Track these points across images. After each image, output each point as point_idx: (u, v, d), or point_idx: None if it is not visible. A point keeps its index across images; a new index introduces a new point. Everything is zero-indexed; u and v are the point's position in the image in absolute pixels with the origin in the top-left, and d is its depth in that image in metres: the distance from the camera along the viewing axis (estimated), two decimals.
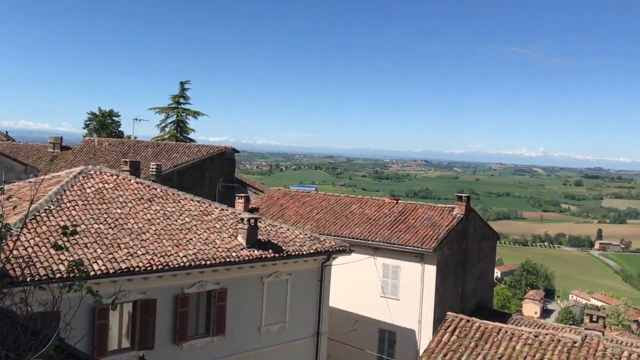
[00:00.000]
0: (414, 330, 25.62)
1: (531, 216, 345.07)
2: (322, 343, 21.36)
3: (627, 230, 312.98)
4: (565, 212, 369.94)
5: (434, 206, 29.47)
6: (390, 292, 26.28)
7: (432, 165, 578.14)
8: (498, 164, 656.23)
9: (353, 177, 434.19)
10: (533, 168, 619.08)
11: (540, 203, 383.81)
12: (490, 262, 32.35)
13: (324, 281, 21.15)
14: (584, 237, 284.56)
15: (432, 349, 18.03)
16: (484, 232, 30.53)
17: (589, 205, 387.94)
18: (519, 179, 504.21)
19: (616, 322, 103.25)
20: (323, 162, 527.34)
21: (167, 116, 59.10)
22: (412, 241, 25.69)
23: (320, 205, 30.65)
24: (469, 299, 28.70)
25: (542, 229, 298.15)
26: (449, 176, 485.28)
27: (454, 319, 19.22)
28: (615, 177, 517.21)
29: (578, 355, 16.71)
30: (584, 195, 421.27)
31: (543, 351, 17.09)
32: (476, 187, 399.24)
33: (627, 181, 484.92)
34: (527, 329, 18.50)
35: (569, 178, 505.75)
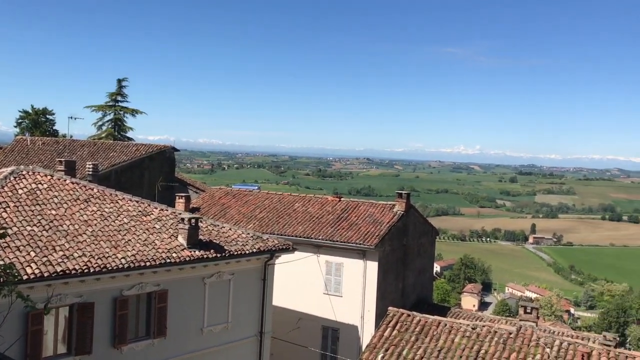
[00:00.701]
0: (357, 326, 25.93)
1: (469, 212, 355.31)
2: (265, 342, 21.30)
3: (558, 224, 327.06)
4: (501, 208, 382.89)
5: (375, 203, 29.89)
6: (334, 289, 26.49)
7: (374, 164, 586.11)
8: (437, 161, 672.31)
9: (296, 175, 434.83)
10: (470, 165, 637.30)
11: (477, 199, 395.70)
12: (430, 257, 33.11)
13: (267, 280, 21.09)
14: (518, 232, 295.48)
15: (374, 344, 18.32)
16: (423, 228, 31.21)
17: (523, 200, 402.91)
18: (457, 176, 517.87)
19: (549, 312, 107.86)
20: (266, 161, 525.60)
21: (104, 114, 57.41)
22: (354, 238, 25.97)
23: (263, 204, 30.56)
24: (409, 293, 29.29)
25: (479, 224, 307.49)
26: (391, 174, 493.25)
27: (395, 313, 19.60)
28: (547, 174, 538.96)
29: (513, 345, 17.37)
30: (518, 191, 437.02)
31: (480, 343, 17.67)
32: (416, 184, 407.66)
33: (558, 177, 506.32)
34: (465, 322, 19.07)
35: (504, 175, 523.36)
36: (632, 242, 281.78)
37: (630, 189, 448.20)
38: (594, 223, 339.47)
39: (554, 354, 16.72)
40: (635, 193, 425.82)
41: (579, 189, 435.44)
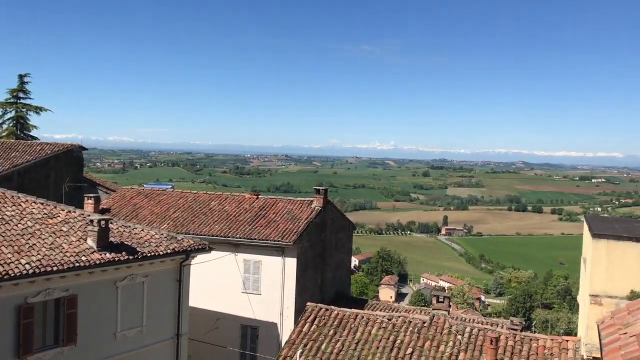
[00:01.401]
0: (276, 323, 25.93)
1: (385, 206, 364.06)
2: (182, 344, 20.85)
3: (468, 215, 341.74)
4: (415, 201, 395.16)
5: (293, 200, 29.97)
6: (252, 288, 26.33)
7: (292, 160, 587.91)
8: (354, 157, 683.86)
9: (213, 173, 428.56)
10: (386, 161, 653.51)
11: (392, 193, 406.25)
12: (348, 251, 33.63)
13: (183, 281, 20.62)
14: (432, 224, 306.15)
15: (293, 339, 18.38)
16: (341, 223, 31.64)
17: (435, 194, 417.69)
18: (373, 171, 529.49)
19: (462, 300, 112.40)
20: (181, 159, 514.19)
21: (4, 112, 53.89)
22: (272, 235, 25.92)
23: (178, 204, 29.87)
24: (328, 288, 29.62)
25: (395, 218, 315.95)
26: (309, 170, 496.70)
27: (313, 308, 19.75)
28: (458, 168, 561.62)
29: (427, 334, 17.96)
30: (430, 184, 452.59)
31: (396, 333, 18.14)
32: (334, 180, 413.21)
33: (467, 171, 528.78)
34: (382, 313, 19.51)
35: (417, 169, 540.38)
36: (536, 231, 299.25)
37: (534, 181, 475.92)
38: (501, 214, 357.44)
39: (465, 340, 17.43)
40: (538, 184, 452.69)
41: (487, 182, 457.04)
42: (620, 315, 13.53)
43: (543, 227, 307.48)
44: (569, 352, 16.43)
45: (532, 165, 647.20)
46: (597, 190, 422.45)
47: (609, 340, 11.94)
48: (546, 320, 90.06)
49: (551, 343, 17.04)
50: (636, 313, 13.07)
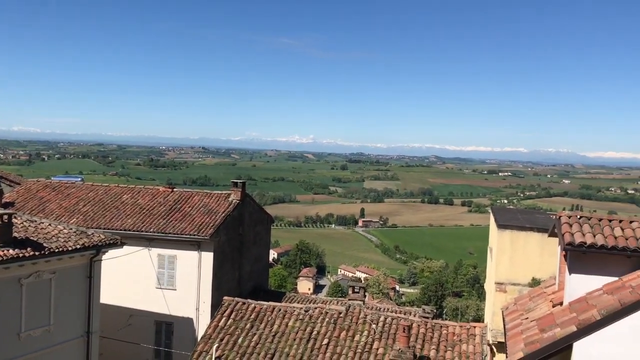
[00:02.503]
0: (192, 319, 25.51)
1: (304, 199, 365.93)
2: (93, 342, 20.10)
3: (384, 208, 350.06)
4: (333, 194, 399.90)
5: (210, 193, 29.52)
6: (167, 283, 25.76)
7: (209, 152, 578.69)
8: (273, 150, 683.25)
9: (126, 165, 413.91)
10: (305, 154, 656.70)
11: (311, 186, 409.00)
12: (266, 244, 33.58)
13: (93, 277, 19.86)
14: (349, 216, 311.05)
15: (209, 334, 18.17)
16: (259, 216, 31.52)
17: (353, 187, 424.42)
18: (293, 164, 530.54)
19: (377, 290, 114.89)
20: (92, 150, 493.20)
21: None
22: (188, 229, 25.44)
23: (88, 197, 28.67)
24: (246, 282, 29.47)
25: (314, 211, 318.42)
26: (227, 163, 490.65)
27: (230, 302, 19.59)
28: (374, 161, 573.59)
29: (343, 324, 18.29)
30: (348, 178, 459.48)
31: (313, 324, 18.35)
32: (253, 173, 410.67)
33: (384, 164, 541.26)
34: (299, 305, 19.67)
35: (335, 163, 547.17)
36: (447, 223, 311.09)
37: (446, 174, 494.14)
38: (415, 206, 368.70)
39: (379, 329, 17.90)
40: (450, 178, 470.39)
41: (401, 175, 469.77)
42: (523, 302, 14.36)
43: (454, 219, 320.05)
44: (476, 338, 17.26)
45: (444, 159, 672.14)
46: (503, 184, 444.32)
47: (512, 325, 12.65)
48: (456, 308, 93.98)
49: (460, 329, 17.82)
50: (537, 299, 13.92)
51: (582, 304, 10.57)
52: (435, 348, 17.03)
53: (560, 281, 12.57)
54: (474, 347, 16.88)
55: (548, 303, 12.60)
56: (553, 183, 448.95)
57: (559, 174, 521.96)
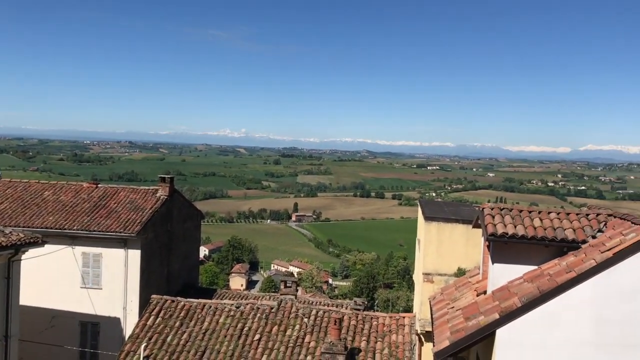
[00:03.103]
0: (119, 318, 24.73)
1: (236, 194, 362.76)
2: (12, 346, 19.08)
3: (318, 202, 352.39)
4: (266, 189, 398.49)
5: (137, 189, 28.67)
6: (92, 282, 24.84)
7: (137, 147, 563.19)
8: (204, 144, 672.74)
9: (48, 160, 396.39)
10: (237, 148, 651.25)
11: (244, 181, 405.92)
12: (196, 241, 32.99)
13: (12, 278, 18.82)
14: (282, 211, 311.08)
15: (137, 334, 17.66)
16: (188, 212, 30.90)
17: (286, 181, 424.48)
18: (224, 159, 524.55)
19: (310, 284, 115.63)
20: (10, 145, 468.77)
21: None
22: (114, 227, 24.61)
23: (6, 194, 27.17)
24: (175, 279, 28.85)
25: (246, 206, 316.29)
26: (155, 157, 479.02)
27: (158, 301, 19.12)
28: (308, 156, 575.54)
29: (275, 319, 18.22)
30: (282, 172, 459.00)
31: (244, 320, 18.19)
32: (183, 168, 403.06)
33: (317, 159, 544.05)
34: (230, 302, 19.44)
35: (268, 157, 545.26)
36: (378, 216, 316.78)
37: (377, 169, 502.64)
38: (347, 200, 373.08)
39: (311, 323, 17.95)
40: (381, 172, 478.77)
41: (334, 169, 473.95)
42: (449, 291, 14.77)
43: (385, 212, 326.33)
44: (405, 328, 17.62)
45: (375, 153, 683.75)
46: (432, 177, 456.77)
47: (439, 314, 12.98)
48: (388, 299, 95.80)
49: (389, 320, 18.15)
50: (462, 289, 14.34)
51: (504, 292, 10.96)
52: (366, 339, 17.26)
53: (484, 271, 12.99)
54: (403, 337, 17.23)
55: (473, 292, 13.00)
56: (478, 176, 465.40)
57: (484, 167, 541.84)
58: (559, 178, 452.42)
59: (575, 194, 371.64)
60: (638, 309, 9.59)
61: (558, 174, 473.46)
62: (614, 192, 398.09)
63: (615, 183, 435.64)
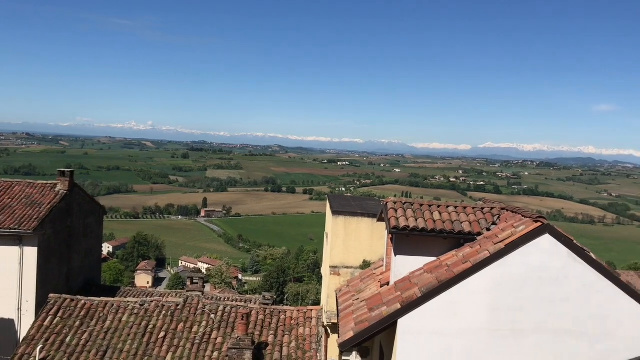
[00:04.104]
0: (14, 320, 23.30)
1: (142, 189, 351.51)
2: None
3: (228, 197, 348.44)
4: (174, 184, 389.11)
5: (34, 183, 27.06)
6: None
7: (35, 139, 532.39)
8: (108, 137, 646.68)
9: None
10: (143, 141, 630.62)
11: (150, 176, 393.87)
12: (98, 237, 31.65)
13: None
14: (191, 206, 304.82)
15: (33, 335, 16.73)
16: (90, 208, 29.58)
17: (195, 176, 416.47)
18: (129, 152, 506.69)
19: (220, 280, 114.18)
20: None
21: None
22: (8, 223, 23.13)
23: None
24: (76, 277, 27.56)
25: (153, 201, 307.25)
26: (56, 150, 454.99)
27: (57, 300, 18.20)
28: (218, 150, 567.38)
29: (181, 316, 17.87)
30: (190, 167, 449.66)
31: (149, 318, 17.69)
32: (85, 161, 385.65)
33: (227, 153, 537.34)
34: (134, 300, 18.83)
35: (176, 151, 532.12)
36: (289, 210, 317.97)
37: (288, 163, 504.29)
38: (258, 195, 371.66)
39: (218, 319, 17.76)
40: (292, 167, 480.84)
41: (245, 164, 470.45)
42: (354, 283, 15.12)
43: (296, 207, 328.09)
44: (312, 321, 17.83)
45: (286, 148, 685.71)
46: (342, 172, 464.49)
47: (345, 306, 13.26)
48: (297, 293, 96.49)
49: (297, 314, 18.30)
50: (367, 280, 14.72)
51: (406, 283, 11.39)
52: (274, 333, 17.31)
53: (387, 262, 13.42)
54: (310, 329, 17.44)
55: (377, 283, 13.40)
56: (386, 172, 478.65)
57: (391, 163, 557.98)
58: (460, 174, 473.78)
59: (475, 189, 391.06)
60: (527, 296, 10.28)
61: (459, 170, 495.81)
62: (510, 187, 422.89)
63: (511, 179, 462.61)
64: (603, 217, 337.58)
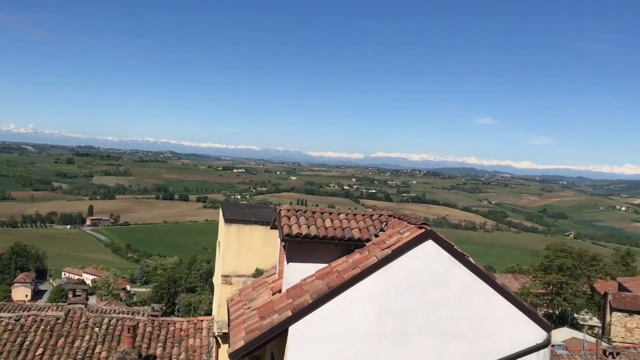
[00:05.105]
0: None
1: (21, 196, 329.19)
2: None
3: (116, 205, 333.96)
4: (57, 191, 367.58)
5: None
6: None
7: None
8: None
9: None
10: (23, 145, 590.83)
11: (31, 182, 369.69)
12: None
13: None
14: (75, 215, 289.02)
15: None
16: None
17: (80, 182, 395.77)
18: (7, 157, 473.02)
19: (107, 292, 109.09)
20: None
21: None
22: None
23: None
24: None
25: (33, 209, 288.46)
26: None
27: None
28: (105, 155, 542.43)
29: (61, 330, 16.84)
30: (75, 172, 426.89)
31: (25, 334, 16.52)
32: None
33: (115, 159, 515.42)
34: (8, 315, 17.52)
35: (60, 156, 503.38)
36: (182, 219, 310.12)
37: (181, 170, 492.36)
38: (149, 202, 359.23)
39: (102, 332, 16.91)
40: (185, 173, 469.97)
41: (135, 170, 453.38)
42: (247, 292, 14.99)
43: (189, 215, 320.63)
44: (203, 331, 17.47)
45: (179, 155, 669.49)
46: (237, 180, 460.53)
47: (236, 315, 13.10)
48: (190, 304, 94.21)
49: (187, 324, 17.85)
50: (259, 288, 14.65)
51: (297, 290, 11.44)
52: (162, 345, 16.75)
53: (280, 270, 13.42)
54: (201, 340, 17.06)
55: (269, 291, 13.35)
56: (282, 179, 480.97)
57: (287, 171, 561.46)
58: (353, 182, 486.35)
59: (367, 197, 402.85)
60: (412, 299, 10.68)
61: (353, 178, 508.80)
62: (399, 195, 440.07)
63: (401, 187, 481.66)
64: (484, 223, 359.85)
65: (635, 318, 52.40)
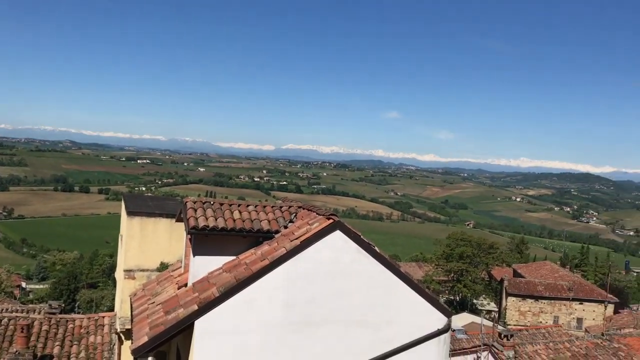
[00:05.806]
0: None
1: None
2: None
3: (9, 197, 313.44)
4: None
5: None
6: None
7: None
8: None
9: None
10: None
11: None
12: None
13: None
14: None
15: None
16: None
17: None
18: None
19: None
20: None
21: None
22: None
23: None
24: None
25: None
26: None
27: None
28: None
29: None
30: None
31: None
32: None
33: (8, 148, 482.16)
34: None
35: None
36: (82, 211, 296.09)
37: (82, 160, 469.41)
38: (46, 194, 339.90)
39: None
40: (86, 164, 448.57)
41: (30, 161, 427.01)
42: (151, 287, 14.54)
43: (90, 207, 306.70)
44: (104, 328, 16.78)
45: (80, 144, 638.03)
46: (142, 171, 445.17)
47: (139, 310, 12.67)
48: (91, 300, 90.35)
49: (87, 322, 17.08)
50: (164, 283, 14.25)
51: (204, 283, 11.22)
52: (60, 344, 15.92)
53: (186, 264, 13.11)
54: (102, 337, 16.38)
55: (174, 286, 13.01)
56: (189, 171, 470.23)
57: (195, 162, 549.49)
58: (264, 174, 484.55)
59: (278, 189, 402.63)
60: (319, 290, 10.78)
61: (263, 170, 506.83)
62: (310, 186, 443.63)
63: (311, 179, 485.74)
64: (390, 214, 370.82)
65: (527, 302, 56.15)
